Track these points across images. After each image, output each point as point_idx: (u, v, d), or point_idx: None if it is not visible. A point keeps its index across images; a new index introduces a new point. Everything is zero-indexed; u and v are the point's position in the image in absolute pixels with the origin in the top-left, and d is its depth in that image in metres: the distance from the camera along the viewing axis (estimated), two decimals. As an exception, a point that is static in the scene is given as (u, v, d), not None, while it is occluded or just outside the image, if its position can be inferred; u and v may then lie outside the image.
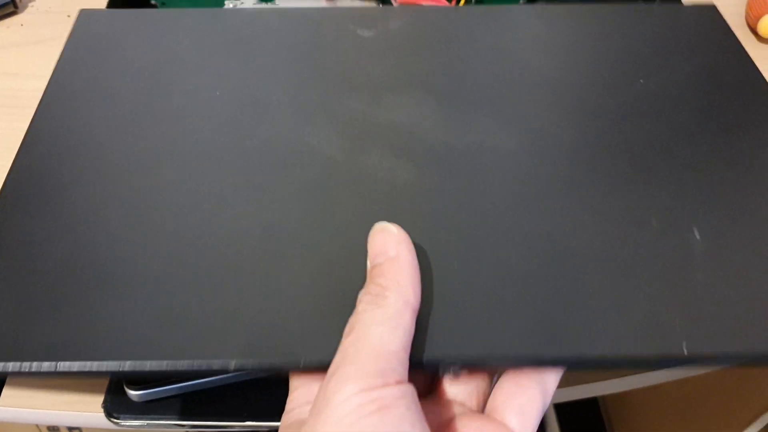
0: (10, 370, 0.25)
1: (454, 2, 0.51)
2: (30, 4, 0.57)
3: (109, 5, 0.49)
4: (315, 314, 0.27)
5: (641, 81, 0.37)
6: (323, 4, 0.50)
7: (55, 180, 0.32)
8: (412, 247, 0.27)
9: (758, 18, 0.54)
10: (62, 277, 0.28)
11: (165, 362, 0.26)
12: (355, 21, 0.41)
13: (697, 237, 0.30)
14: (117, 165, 0.32)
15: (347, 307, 0.26)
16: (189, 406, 0.37)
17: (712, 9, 0.43)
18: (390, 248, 0.27)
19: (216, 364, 0.26)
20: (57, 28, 0.55)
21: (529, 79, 0.38)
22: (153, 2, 0.53)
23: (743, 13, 0.58)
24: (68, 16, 0.57)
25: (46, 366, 0.25)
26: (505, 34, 0.41)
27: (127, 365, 0.26)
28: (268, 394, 0.38)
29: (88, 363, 0.26)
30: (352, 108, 0.36)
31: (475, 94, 0.37)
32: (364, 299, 0.25)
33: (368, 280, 0.26)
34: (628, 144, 0.34)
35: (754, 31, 0.55)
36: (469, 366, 0.27)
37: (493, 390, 0.27)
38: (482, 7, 0.43)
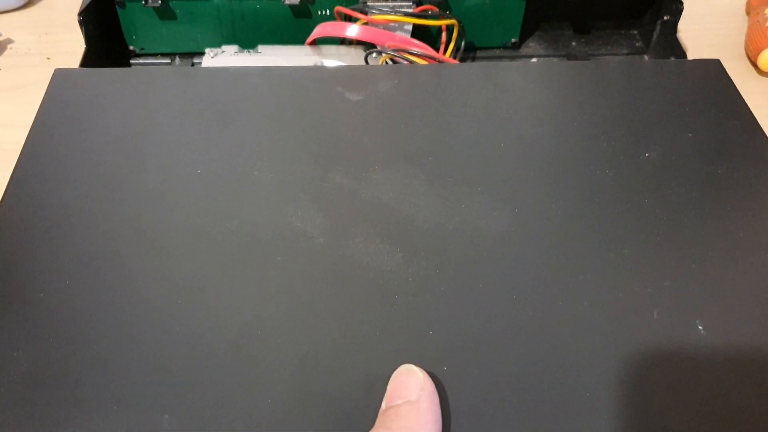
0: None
1: (441, 49, 0.49)
2: (9, 46, 0.56)
3: (88, 52, 0.47)
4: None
5: (646, 154, 0.36)
6: (308, 52, 0.48)
7: (17, 276, 0.30)
8: (436, 396, 0.25)
9: (758, 51, 0.53)
10: (25, 391, 0.26)
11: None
12: (343, 83, 0.39)
13: (702, 331, 0.28)
14: (85, 255, 0.31)
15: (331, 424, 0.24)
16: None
17: (716, 64, 0.41)
18: (412, 391, 0.24)
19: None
20: (37, 72, 0.53)
21: (524, 148, 0.36)
22: (131, 47, 0.51)
23: (743, 43, 0.56)
24: (48, 58, 0.55)
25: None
26: (498, 95, 0.39)
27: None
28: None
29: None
30: (338, 184, 0.34)
31: (467, 166, 0.35)
32: None
33: (378, 422, 0.24)
34: (629, 224, 0.33)
35: (753, 63, 0.54)
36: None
37: None
38: (475, 65, 0.42)
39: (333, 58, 0.48)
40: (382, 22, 0.47)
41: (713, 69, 0.41)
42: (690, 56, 0.51)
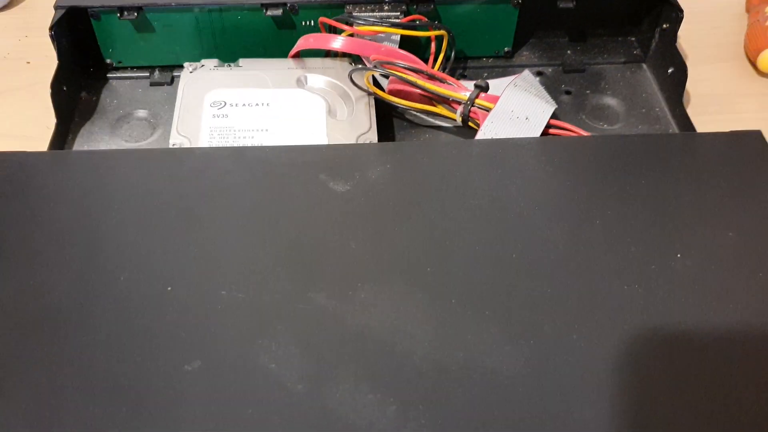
0: None
1: (430, 60, 0.47)
2: (-13, 50, 0.53)
3: (60, 69, 0.45)
4: None
5: (678, 255, 0.31)
6: (291, 66, 0.46)
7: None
8: None
9: (758, 52, 0.51)
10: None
11: None
12: (327, 170, 0.35)
13: None
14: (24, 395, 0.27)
15: None
16: None
17: (758, 138, 0.37)
18: None
19: None
20: (17, 78, 0.51)
21: (540, 256, 0.31)
22: (108, 60, 0.49)
23: (742, 42, 0.55)
24: (28, 62, 0.53)
25: None
26: (507, 181, 0.35)
27: None
28: None
29: None
30: (320, 307, 0.29)
31: (472, 281, 0.31)
32: None
33: None
34: (658, 364, 0.27)
35: (753, 64, 0.52)
36: None
37: None
38: (477, 143, 0.38)
39: (318, 72, 0.46)
40: (367, 33, 0.45)
41: (754, 143, 0.36)
42: (690, 63, 0.49)
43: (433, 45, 0.47)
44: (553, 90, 0.49)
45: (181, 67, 0.49)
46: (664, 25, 0.48)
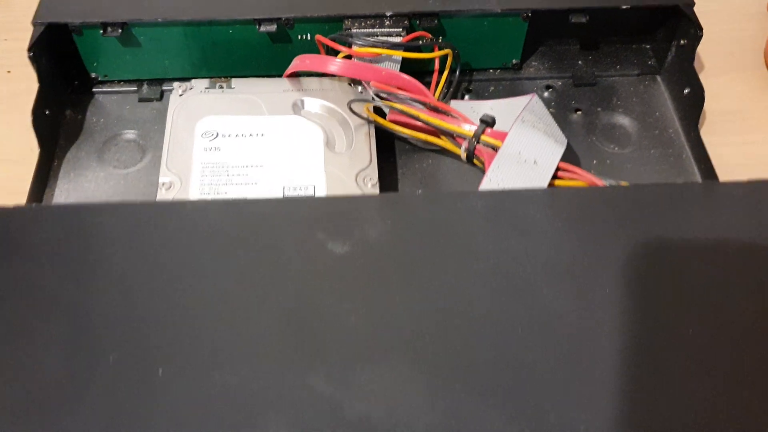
0: None
1: (434, 78, 0.45)
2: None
3: (42, 92, 0.42)
4: None
5: (690, 331, 0.29)
6: (287, 87, 0.44)
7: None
8: None
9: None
10: None
11: None
12: (325, 227, 0.33)
13: None
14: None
15: None
16: None
17: None
18: None
19: None
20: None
21: (544, 330, 0.30)
22: (93, 74, 0.47)
23: (761, 48, 0.52)
24: (8, 72, 0.50)
25: None
26: (511, 242, 0.33)
27: None
28: None
29: None
30: (317, 394, 0.28)
31: (474, 362, 0.29)
32: None
33: None
34: None
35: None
36: None
37: None
38: (482, 196, 0.35)
39: (315, 95, 0.43)
40: (366, 55, 0.42)
41: None
42: (705, 74, 0.47)
43: (437, 62, 0.45)
44: (563, 107, 0.47)
45: (171, 81, 0.47)
46: (682, 41, 0.45)
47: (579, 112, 0.47)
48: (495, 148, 0.39)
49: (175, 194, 0.38)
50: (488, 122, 0.39)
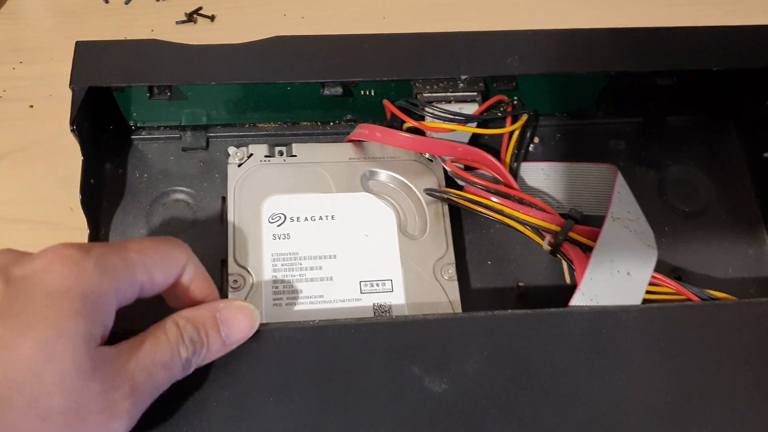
0: None
1: (503, 149, 0.42)
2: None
3: (87, 164, 0.39)
4: None
5: None
6: (351, 155, 0.41)
7: None
8: None
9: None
10: None
11: None
12: (420, 357, 0.32)
13: None
14: None
15: None
16: None
17: None
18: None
19: None
20: (22, 131, 0.44)
21: None
22: (131, 122, 0.42)
23: None
24: (30, 106, 0.46)
25: None
26: (609, 373, 0.33)
27: None
28: None
29: None
30: None
31: None
32: None
33: None
34: None
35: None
36: None
37: None
38: (577, 316, 0.34)
39: (382, 167, 0.40)
40: (437, 130, 0.39)
41: None
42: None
43: (509, 121, 0.42)
44: (633, 163, 0.45)
45: (216, 126, 0.43)
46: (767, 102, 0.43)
47: (650, 169, 0.45)
48: (582, 246, 0.37)
49: (248, 292, 0.36)
50: (576, 219, 0.37)
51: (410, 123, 0.39)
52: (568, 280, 0.41)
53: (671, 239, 0.43)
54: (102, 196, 0.41)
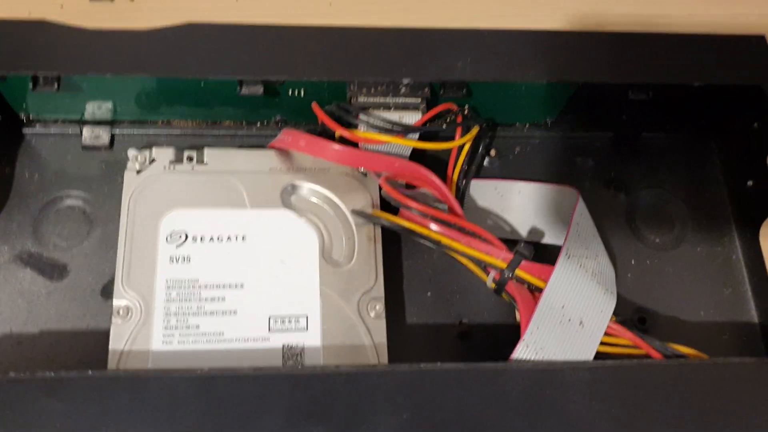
0: None
1: (451, 163, 0.36)
2: None
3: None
4: None
5: None
6: (273, 164, 0.35)
7: None
8: None
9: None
10: None
11: None
12: (327, 420, 0.27)
13: None
14: None
15: None
16: None
17: None
18: None
19: None
20: None
21: None
22: (22, 115, 0.36)
23: None
24: None
25: None
26: None
27: None
28: None
29: None
30: None
31: None
32: None
33: None
34: None
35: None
36: None
37: None
38: (517, 372, 0.29)
39: (308, 180, 0.35)
40: (371, 142, 0.34)
41: None
42: None
43: (459, 118, 0.36)
44: (600, 183, 0.39)
45: (122, 122, 0.37)
46: (755, 124, 0.38)
47: (620, 192, 0.40)
48: (530, 286, 0.32)
49: (134, 327, 0.31)
50: (525, 255, 0.32)
51: (340, 132, 0.34)
52: (517, 317, 0.36)
53: (637, 275, 0.38)
54: (-18, 198, 0.36)
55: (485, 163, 0.39)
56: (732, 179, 0.40)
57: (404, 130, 0.33)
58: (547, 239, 0.36)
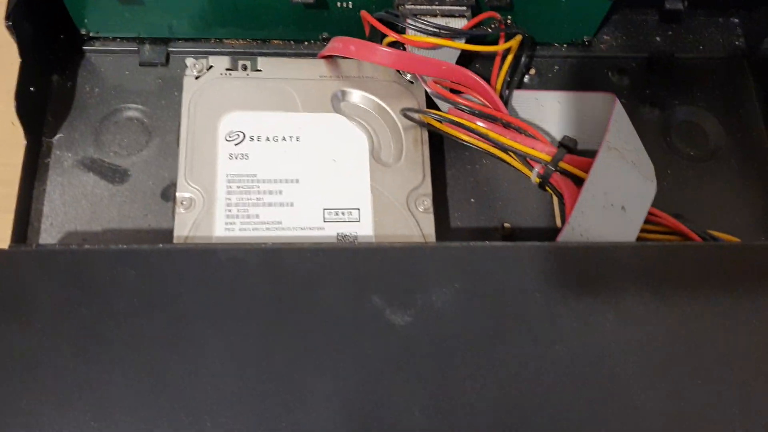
0: None
1: (494, 74, 0.37)
2: None
3: (25, 66, 0.35)
4: None
5: None
6: (323, 72, 0.37)
7: None
8: None
9: None
10: None
11: None
12: (381, 290, 0.28)
13: None
14: None
15: None
16: None
17: None
18: None
19: None
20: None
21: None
22: (83, 31, 0.38)
23: None
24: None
25: None
26: (598, 318, 0.29)
27: None
28: None
29: None
30: None
31: None
32: None
33: None
34: None
35: None
36: None
37: None
38: (565, 250, 0.30)
39: (357, 87, 0.36)
40: (422, 45, 0.35)
41: None
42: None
43: (502, 40, 0.37)
44: (636, 98, 0.41)
45: (178, 41, 0.39)
46: (788, 36, 0.39)
47: (654, 107, 0.41)
48: (574, 177, 0.33)
49: (197, 215, 0.33)
50: (569, 147, 0.33)
51: (391, 37, 0.35)
52: (558, 222, 0.37)
53: (673, 183, 0.39)
54: (46, 110, 0.37)
55: (525, 80, 0.41)
56: (763, 93, 0.41)
57: (451, 34, 0.35)
58: (588, 145, 0.37)
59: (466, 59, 0.39)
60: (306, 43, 0.40)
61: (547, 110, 0.38)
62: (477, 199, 0.38)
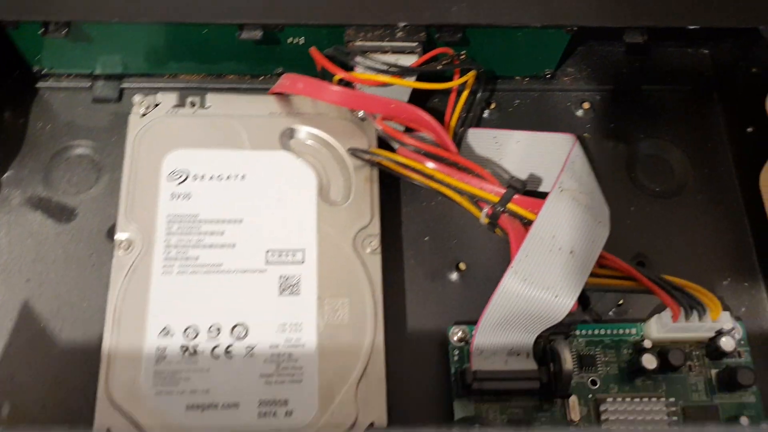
0: None
1: (448, 111, 0.37)
2: None
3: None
4: None
5: None
6: (273, 109, 0.36)
7: None
8: None
9: None
10: None
11: None
12: None
13: None
14: None
15: None
16: None
17: None
18: None
19: None
20: None
21: None
22: (36, 68, 0.38)
23: None
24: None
25: None
26: None
27: None
28: None
29: None
30: None
31: None
32: None
33: None
34: None
35: None
36: None
37: None
38: None
39: (307, 123, 0.36)
40: (368, 83, 0.34)
41: None
42: None
43: (457, 75, 0.37)
44: (600, 134, 0.40)
45: (131, 76, 0.38)
46: (753, 69, 0.38)
47: (619, 141, 0.40)
48: (523, 220, 0.32)
49: (135, 258, 0.32)
50: (517, 188, 0.32)
51: (340, 74, 0.34)
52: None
53: (636, 221, 0.38)
54: (-4, 146, 0.37)
55: (485, 115, 0.40)
56: (733, 126, 0.39)
57: (401, 72, 0.34)
58: (545, 187, 0.36)
59: (424, 95, 0.38)
60: (261, 78, 0.39)
61: (504, 149, 0.37)
62: (432, 237, 0.37)
